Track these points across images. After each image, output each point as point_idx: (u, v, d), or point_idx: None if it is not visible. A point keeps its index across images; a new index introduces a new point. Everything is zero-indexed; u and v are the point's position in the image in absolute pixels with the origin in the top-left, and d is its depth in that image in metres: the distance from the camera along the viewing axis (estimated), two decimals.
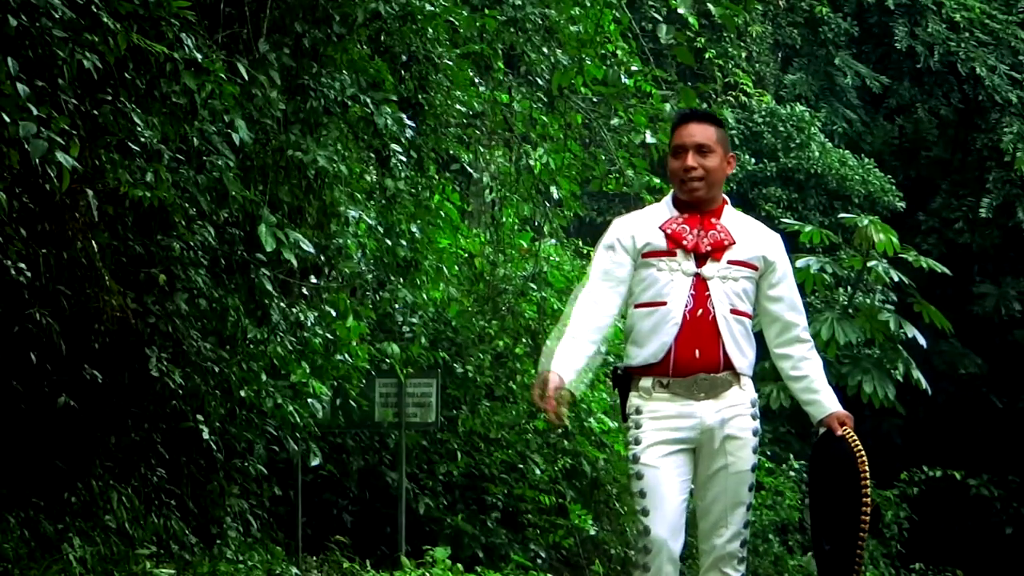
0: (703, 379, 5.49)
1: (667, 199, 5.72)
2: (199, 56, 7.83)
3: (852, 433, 5.53)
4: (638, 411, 5.53)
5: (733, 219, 5.64)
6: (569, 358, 5.50)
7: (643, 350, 5.52)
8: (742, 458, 5.52)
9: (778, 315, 5.63)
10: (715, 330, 5.49)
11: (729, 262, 5.55)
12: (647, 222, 5.63)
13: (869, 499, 5.45)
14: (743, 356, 5.54)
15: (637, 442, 5.51)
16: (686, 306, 5.49)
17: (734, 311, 5.52)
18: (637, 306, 5.57)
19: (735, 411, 5.53)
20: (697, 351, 5.48)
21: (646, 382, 5.53)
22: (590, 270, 5.66)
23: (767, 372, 20.69)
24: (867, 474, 5.45)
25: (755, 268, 5.59)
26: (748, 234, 5.62)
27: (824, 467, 5.61)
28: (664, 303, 5.50)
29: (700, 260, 5.54)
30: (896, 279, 18.76)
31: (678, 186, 5.62)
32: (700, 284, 5.51)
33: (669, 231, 5.56)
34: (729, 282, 5.53)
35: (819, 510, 5.65)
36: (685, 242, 5.53)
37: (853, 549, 5.44)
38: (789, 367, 5.64)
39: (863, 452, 5.49)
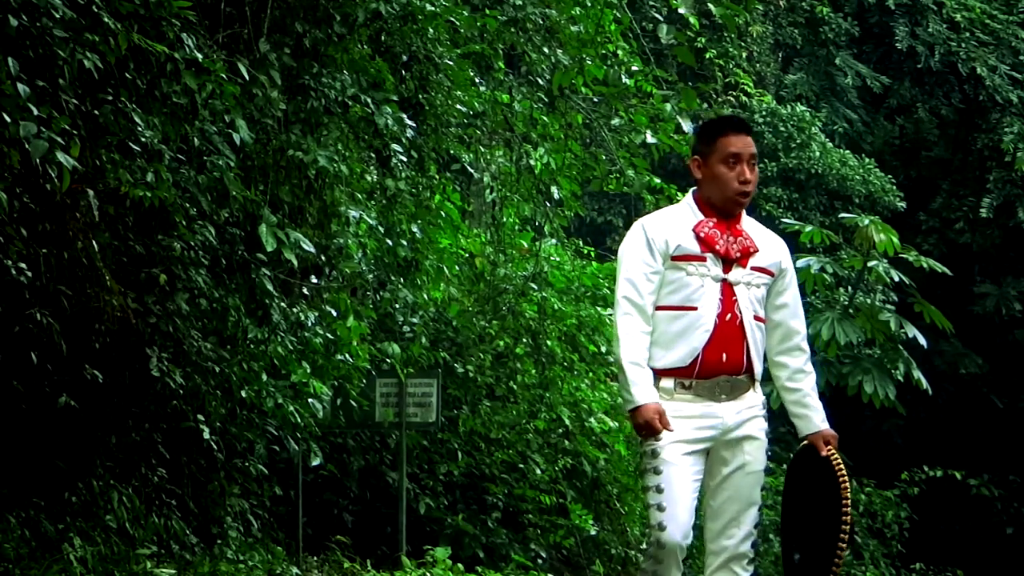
0: (725, 381, 5.54)
1: (689, 202, 5.68)
2: (200, 56, 7.82)
3: (837, 454, 5.56)
4: None
5: (750, 226, 5.69)
6: (647, 383, 5.48)
7: (669, 353, 5.53)
8: (758, 458, 5.59)
9: (781, 321, 5.67)
10: (742, 335, 5.54)
11: (753, 268, 5.59)
12: (677, 224, 5.60)
13: (849, 522, 5.48)
14: (760, 361, 5.62)
15: (657, 438, 5.52)
16: (717, 311, 5.51)
17: (755, 317, 5.58)
18: (660, 308, 5.56)
19: (753, 412, 5.60)
20: (724, 355, 5.52)
21: (667, 383, 5.55)
22: (624, 272, 5.58)
23: (767, 372, 20.71)
24: (848, 499, 5.50)
25: (772, 275, 5.65)
26: (765, 241, 5.67)
27: (803, 483, 5.65)
28: (694, 308, 5.52)
29: (726, 265, 5.56)
30: (896, 279, 18.72)
31: (730, 195, 5.58)
32: (727, 289, 5.55)
33: (703, 234, 5.56)
34: (752, 288, 5.58)
35: (793, 522, 5.67)
36: (718, 247, 5.54)
37: (828, 568, 5.47)
38: (785, 377, 5.68)
39: (846, 476, 5.54)
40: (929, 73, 24.50)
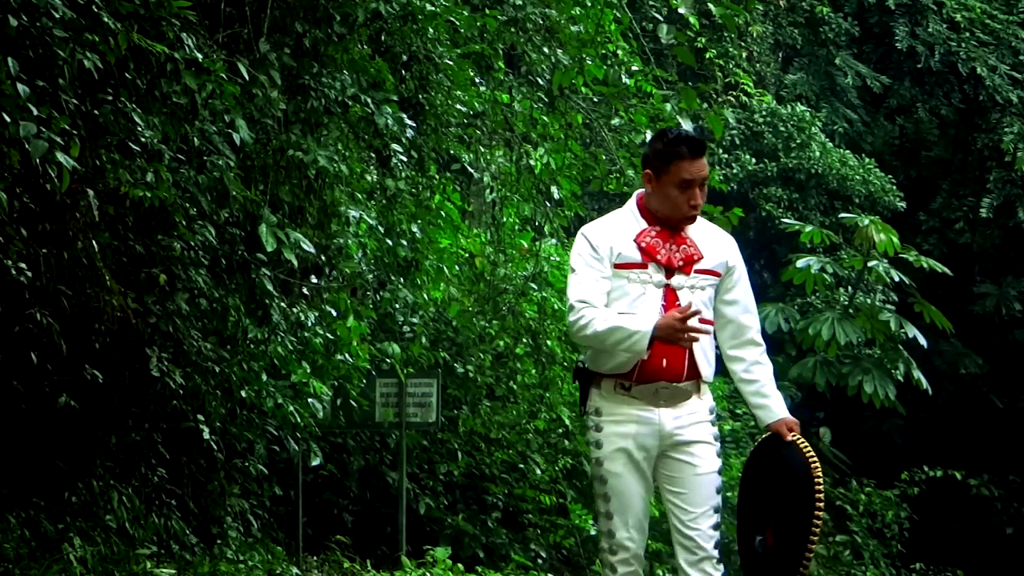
0: (664, 387, 5.57)
1: (632, 208, 5.71)
2: (200, 56, 7.83)
3: (802, 439, 5.60)
4: (598, 412, 5.61)
5: (696, 229, 5.70)
6: (636, 318, 5.46)
7: (612, 359, 5.56)
8: (709, 461, 5.60)
9: (732, 318, 5.69)
10: None
11: (696, 271, 5.61)
12: (619, 232, 5.63)
13: (822, 504, 5.52)
14: (708, 364, 5.63)
15: (599, 445, 5.60)
16: (659, 317, 5.51)
17: (701, 320, 5.57)
18: None
19: (695, 418, 5.61)
20: (664, 360, 5.54)
21: (608, 385, 5.60)
22: (574, 278, 5.61)
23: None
24: (820, 481, 5.53)
25: (718, 275, 5.67)
26: (711, 242, 5.69)
27: (769, 470, 5.67)
28: (635, 315, 5.52)
29: (668, 272, 5.58)
30: (897, 279, 18.73)
31: (677, 215, 5.61)
32: (670, 294, 5.58)
33: (644, 244, 5.59)
34: (696, 291, 5.60)
35: (755, 508, 5.69)
36: (659, 256, 5.58)
37: (801, 552, 5.49)
38: (741, 370, 5.69)
39: (816, 458, 5.58)
40: (929, 73, 24.48)
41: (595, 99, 12.98)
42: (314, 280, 10.45)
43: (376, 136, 9.99)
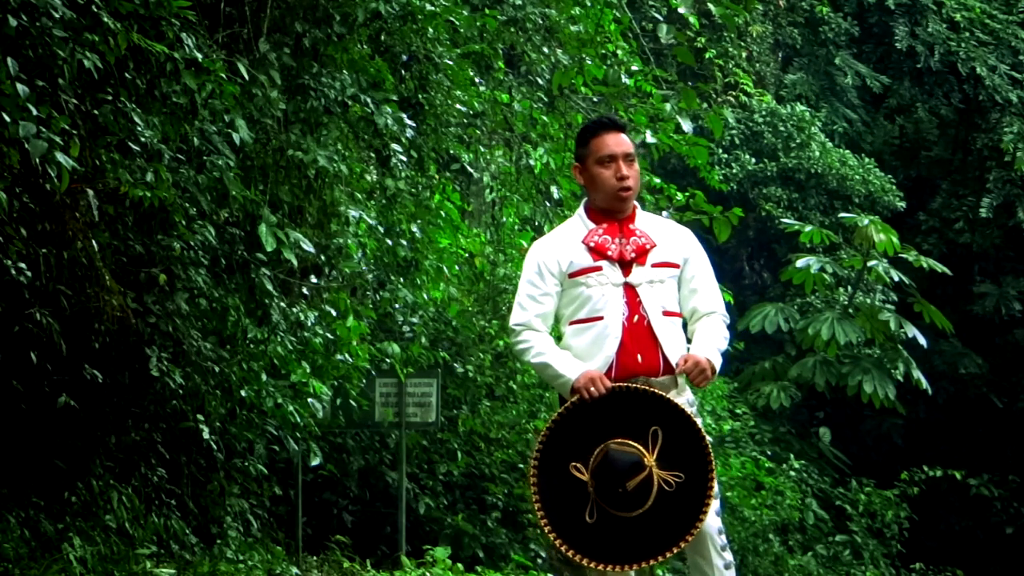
0: (644, 383, 5.54)
1: (580, 213, 5.73)
2: (199, 56, 7.83)
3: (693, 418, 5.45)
4: None
5: (647, 221, 5.71)
6: (570, 359, 5.57)
7: (586, 365, 5.56)
8: None
9: (695, 308, 5.68)
10: (652, 334, 5.55)
11: (653, 265, 5.60)
12: (567, 241, 5.65)
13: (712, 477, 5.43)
14: (679, 356, 5.59)
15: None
16: (623, 315, 5.53)
17: (665, 312, 5.58)
18: (572, 323, 5.64)
19: None
20: (639, 357, 5.55)
21: None
22: (516, 297, 5.68)
23: (767, 372, 20.77)
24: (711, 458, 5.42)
25: (677, 266, 5.66)
26: (665, 234, 5.68)
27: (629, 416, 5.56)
28: (600, 318, 5.56)
29: (625, 268, 5.58)
30: (896, 279, 18.78)
31: (611, 195, 5.62)
32: (631, 292, 5.58)
33: (592, 244, 5.60)
34: (656, 285, 5.59)
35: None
36: (610, 252, 5.58)
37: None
38: (692, 333, 5.69)
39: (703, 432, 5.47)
40: (929, 73, 24.49)
41: (595, 99, 12.99)
42: (314, 280, 10.45)
43: (376, 136, 10.00)
